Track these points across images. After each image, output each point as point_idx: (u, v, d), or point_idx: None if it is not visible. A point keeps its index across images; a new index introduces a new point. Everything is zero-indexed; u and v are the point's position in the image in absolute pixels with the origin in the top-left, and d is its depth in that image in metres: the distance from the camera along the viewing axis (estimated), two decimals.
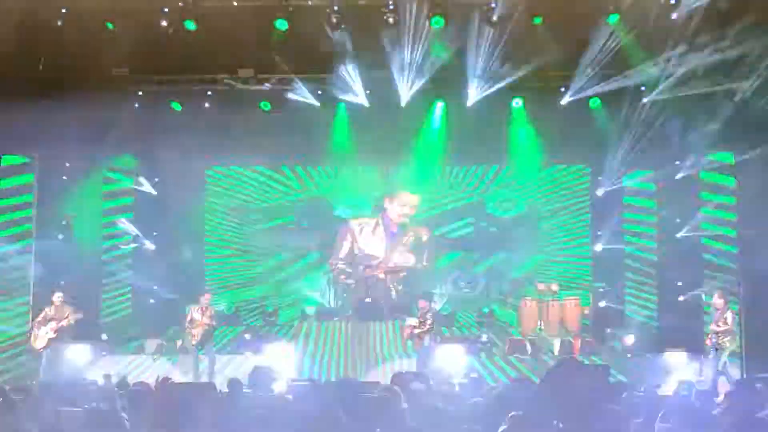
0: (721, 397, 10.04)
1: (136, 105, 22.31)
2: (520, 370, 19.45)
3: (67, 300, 19.56)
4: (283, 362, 19.40)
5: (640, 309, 23.07)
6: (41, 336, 19.15)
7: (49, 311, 19.35)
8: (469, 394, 10.51)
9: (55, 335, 19.14)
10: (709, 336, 19.03)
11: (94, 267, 23.01)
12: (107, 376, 17.14)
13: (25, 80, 19.26)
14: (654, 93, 21.26)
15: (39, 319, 19.36)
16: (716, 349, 18.75)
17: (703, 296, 20.57)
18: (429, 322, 19.38)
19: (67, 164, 22.17)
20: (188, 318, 19.84)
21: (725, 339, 18.60)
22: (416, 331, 19.36)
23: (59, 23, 19.19)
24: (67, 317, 19.20)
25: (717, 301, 19.06)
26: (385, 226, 25.18)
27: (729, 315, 18.79)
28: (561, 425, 6.21)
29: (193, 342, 19.59)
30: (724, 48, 19.03)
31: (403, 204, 25.14)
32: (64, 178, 22.46)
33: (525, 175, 24.98)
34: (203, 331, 19.52)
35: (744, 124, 20.07)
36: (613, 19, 19.59)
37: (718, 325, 18.71)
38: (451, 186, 25.31)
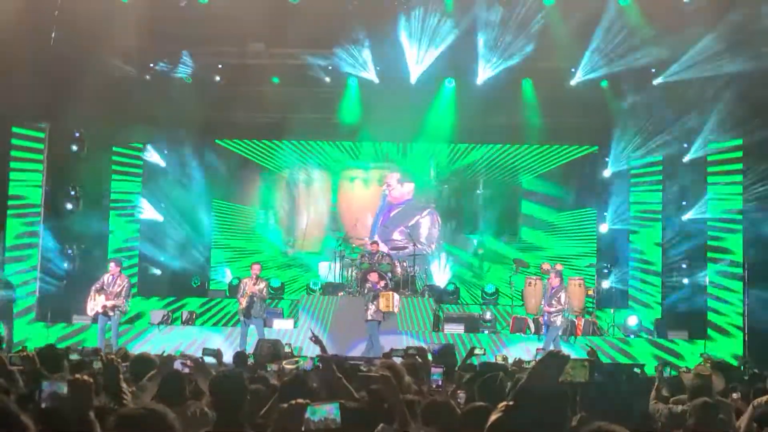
0: None
1: (147, 77, 22.40)
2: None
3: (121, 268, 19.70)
4: (287, 336, 19.55)
5: (644, 290, 23.09)
6: (92, 306, 19.16)
7: (106, 279, 19.28)
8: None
9: (102, 310, 19.04)
10: (542, 315, 19.67)
11: (101, 238, 23.08)
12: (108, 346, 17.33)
13: (37, 51, 19.31)
14: (663, 75, 21.25)
15: (96, 285, 19.26)
16: (548, 327, 19.33)
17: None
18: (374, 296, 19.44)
19: (77, 134, 22.22)
20: (240, 289, 19.81)
21: (556, 317, 19.14)
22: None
23: None
24: (119, 292, 19.08)
25: (553, 280, 19.57)
26: (388, 204, 25.41)
27: (563, 295, 19.29)
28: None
29: (241, 310, 19.55)
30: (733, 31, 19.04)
31: (405, 188, 25.34)
32: (74, 148, 22.53)
33: (533, 154, 24.99)
34: (248, 300, 19.52)
35: (753, 108, 20.02)
36: (625, 1, 19.63)
37: (551, 304, 19.20)
38: (458, 164, 25.36)
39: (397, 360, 9.84)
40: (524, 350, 18.76)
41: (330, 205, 25.81)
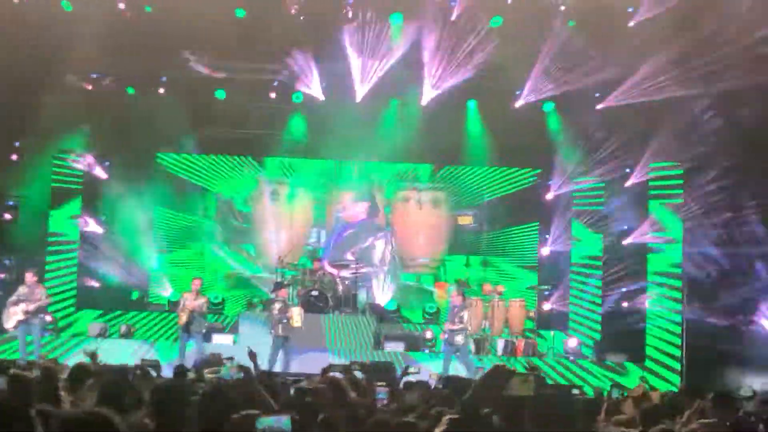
0: None
1: (90, 87, 22.15)
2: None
3: (39, 280, 19.54)
4: (227, 350, 19.35)
5: (585, 313, 23.20)
6: (11, 316, 18.90)
7: (21, 290, 19.09)
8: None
9: (24, 317, 18.84)
10: (443, 333, 19.51)
11: (39, 249, 22.70)
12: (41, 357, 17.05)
13: None
14: (607, 99, 21.40)
15: (12, 298, 19.08)
16: (450, 344, 19.15)
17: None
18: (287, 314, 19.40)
19: (17, 144, 21.91)
20: (180, 303, 19.65)
21: (458, 336, 19.00)
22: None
23: (16, 1, 19.03)
24: (39, 299, 18.97)
25: (455, 298, 19.57)
26: (342, 224, 25.34)
27: (465, 314, 19.25)
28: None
29: (180, 325, 19.37)
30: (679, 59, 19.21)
31: (358, 208, 25.28)
32: (14, 158, 22.21)
33: (476, 175, 25.06)
34: (188, 316, 19.28)
35: (695, 135, 20.25)
36: (571, 23, 19.77)
37: (453, 323, 19.09)
38: (404, 183, 25.39)
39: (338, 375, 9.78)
40: (460, 369, 18.79)
41: None
